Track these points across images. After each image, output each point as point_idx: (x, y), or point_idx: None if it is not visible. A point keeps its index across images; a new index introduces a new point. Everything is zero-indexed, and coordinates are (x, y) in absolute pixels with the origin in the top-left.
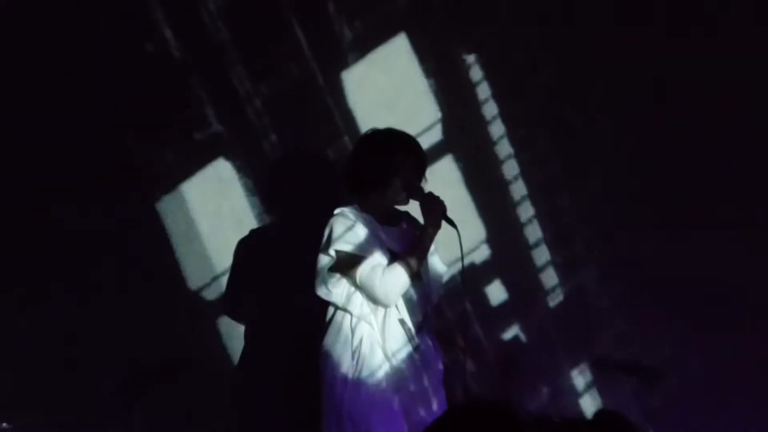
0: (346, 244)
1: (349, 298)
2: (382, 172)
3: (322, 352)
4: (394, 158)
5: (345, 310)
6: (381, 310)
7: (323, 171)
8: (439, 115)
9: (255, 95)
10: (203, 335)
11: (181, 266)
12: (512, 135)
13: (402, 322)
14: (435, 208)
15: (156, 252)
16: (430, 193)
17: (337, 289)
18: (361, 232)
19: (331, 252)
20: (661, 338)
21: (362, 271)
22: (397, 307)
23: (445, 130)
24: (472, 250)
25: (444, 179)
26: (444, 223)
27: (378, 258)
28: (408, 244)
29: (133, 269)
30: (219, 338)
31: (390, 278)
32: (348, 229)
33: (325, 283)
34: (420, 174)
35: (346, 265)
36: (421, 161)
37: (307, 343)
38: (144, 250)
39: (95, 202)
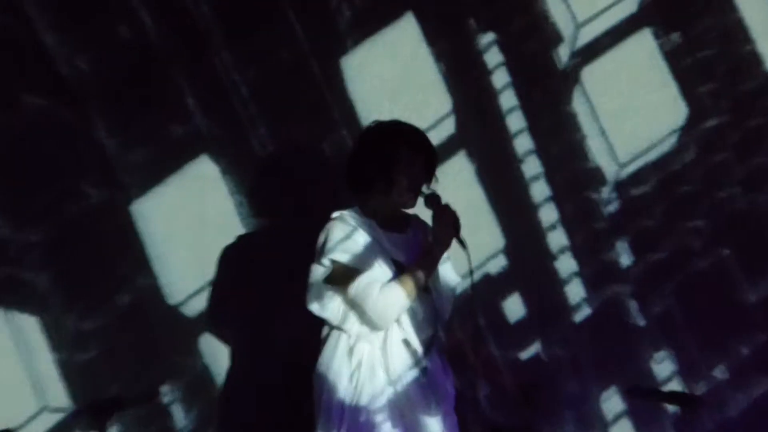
0: (342, 254)
1: (345, 314)
2: (386, 170)
3: (317, 374)
4: (399, 154)
5: (340, 328)
6: (383, 331)
7: (319, 169)
8: (450, 105)
9: (242, 84)
10: (184, 354)
11: (158, 278)
12: (534, 128)
13: (406, 342)
14: (447, 225)
15: (130, 262)
16: (446, 206)
17: (332, 305)
18: (360, 239)
19: (326, 262)
20: (705, 363)
21: (356, 286)
22: (400, 324)
23: (457, 123)
24: (488, 260)
25: (456, 179)
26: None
27: (377, 272)
28: (416, 254)
29: (103, 281)
30: (202, 358)
31: (385, 298)
32: (346, 237)
33: (318, 297)
34: (429, 173)
35: (341, 277)
36: (429, 158)
37: (301, 364)
38: (116, 259)
39: (57, 203)
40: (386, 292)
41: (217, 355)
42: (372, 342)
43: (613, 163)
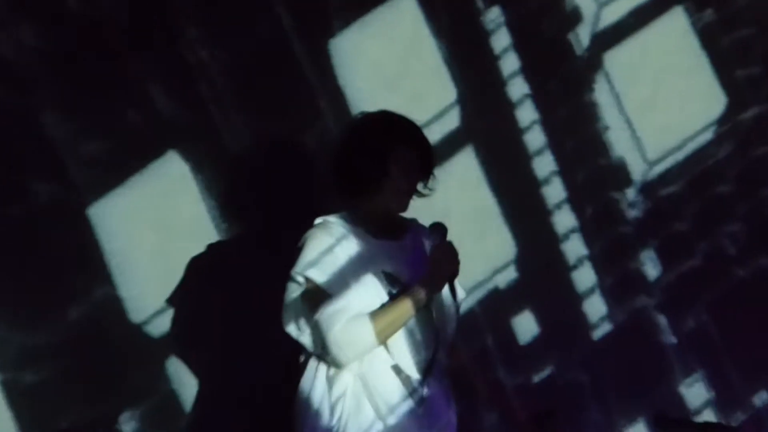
0: (318, 272)
1: None
2: (375, 169)
3: (295, 405)
4: (389, 151)
5: (319, 356)
6: (368, 356)
7: (303, 168)
8: (454, 95)
9: (213, 68)
10: (147, 377)
11: (118, 292)
12: (547, 120)
13: (397, 368)
14: (444, 268)
15: (85, 272)
16: (450, 243)
17: (310, 328)
18: (342, 255)
19: (300, 278)
20: (743, 388)
21: (320, 313)
22: (389, 347)
23: (463, 116)
24: (497, 272)
25: (460, 179)
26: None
27: (351, 300)
28: (412, 264)
29: (55, 293)
30: (168, 382)
31: (348, 334)
32: (326, 251)
33: (294, 318)
34: (425, 171)
35: (311, 299)
36: (425, 154)
37: (280, 392)
38: (69, 268)
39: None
40: (351, 327)
41: (184, 379)
42: (353, 370)
43: (640, 159)
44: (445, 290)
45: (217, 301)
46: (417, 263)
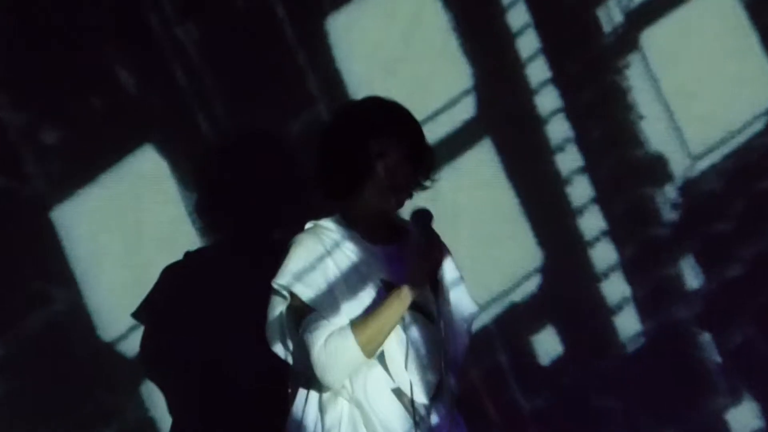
0: (304, 287)
1: None
2: (354, 167)
3: None
4: (369, 145)
5: (309, 380)
6: (362, 377)
7: (292, 162)
8: (464, 80)
9: (190, 48)
10: (117, 395)
11: (85, 305)
12: (572, 108)
13: (398, 392)
14: (427, 260)
15: (47, 280)
16: (435, 234)
17: (295, 348)
18: (333, 266)
19: (284, 293)
20: None
21: (302, 329)
22: (387, 367)
23: (474, 104)
24: (515, 283)
25: (471, 176)
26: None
27: (337, 313)
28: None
29: (12, 300)
30: (142, 409)
31: (332, 349)
32: (316, 261)
33: (279, 337)
34: (418, 163)
35: (297, 316)
36: (416, 144)
37: (267, 419)
38: (28, 275)
39: None
40: (332, 343)
41: (158, 403)
42: (348, 394)
43: (679, 153)
44: (454, 309)
45: (195, 314)
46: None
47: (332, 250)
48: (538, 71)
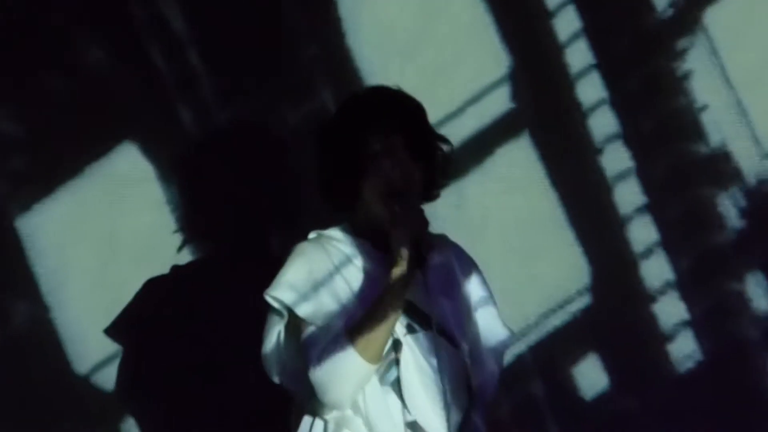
0: (304, 303)
1: None
2: (344, 170)
3: None
4: (357, 144)
5: (313, 410)
6: (373, 405)
7: (291, 160)
8: (493, 67)
9: (174, 26)
10: (91, 426)
11: (54, 326)
12: (619, 98)
13: (414, 426)
14: (405, 233)
15: (10, 294)
16: (414, 207)
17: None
18: (340, 282)
19: (281, 309)
20: None
21: (301, 346)
22: (403, 400)
23: (505, 94)
24: (556, 307)
25: (502, 179)
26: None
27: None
28: (433, 291)
29: None
30: None
31: (329, 361)
32: (321, 275)
33: (278, 360)
34: (420, 158)
35: (296, 334)
36: (414, 146)
37: None
38: None
39: None
40: (328, 354)
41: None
42: (359, 428)
43: (749, 149)
44: (483, 335)
45: (179, 338)
46: (442, 288)
47: (340, 263)
48: (579, 56)
